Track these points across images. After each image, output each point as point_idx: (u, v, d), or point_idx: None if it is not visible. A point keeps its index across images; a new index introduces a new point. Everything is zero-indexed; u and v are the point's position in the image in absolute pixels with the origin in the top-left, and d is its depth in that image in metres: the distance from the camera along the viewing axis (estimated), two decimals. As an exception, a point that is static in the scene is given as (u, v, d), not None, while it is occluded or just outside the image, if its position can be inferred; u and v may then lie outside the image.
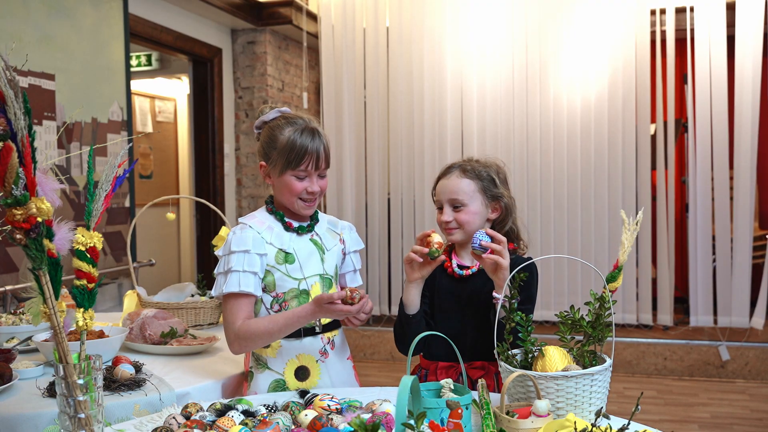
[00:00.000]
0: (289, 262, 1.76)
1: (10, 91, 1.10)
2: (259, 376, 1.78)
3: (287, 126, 1.75)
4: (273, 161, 1.75)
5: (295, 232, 1.80)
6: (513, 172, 5.05)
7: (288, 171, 1.73)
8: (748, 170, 4.66)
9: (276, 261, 1.75)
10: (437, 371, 1.82)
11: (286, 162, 1.73)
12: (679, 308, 5.15)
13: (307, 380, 1.78)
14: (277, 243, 1.76)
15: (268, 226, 1.78)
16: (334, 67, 5.37)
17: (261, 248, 1.73)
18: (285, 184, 1.75)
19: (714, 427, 3.74)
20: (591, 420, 1.37)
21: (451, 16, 5.12)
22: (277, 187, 1.78)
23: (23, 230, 1.13)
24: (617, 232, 4.87)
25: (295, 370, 1.78)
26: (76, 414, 1.21)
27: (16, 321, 2.26)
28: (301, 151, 1.72)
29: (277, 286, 1.75)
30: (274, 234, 1.77)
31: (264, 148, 1.78)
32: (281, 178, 1.75)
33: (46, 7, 3.43)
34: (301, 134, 1.73)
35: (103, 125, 3.82)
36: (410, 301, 1.79)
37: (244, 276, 1.70)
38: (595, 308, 1.50)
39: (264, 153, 1.78)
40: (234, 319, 1.71)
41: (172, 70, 6.16)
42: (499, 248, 1.66)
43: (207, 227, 5.14)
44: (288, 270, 1.76)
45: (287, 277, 1.76)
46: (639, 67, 4.84)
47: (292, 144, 1.72)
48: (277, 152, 1.74)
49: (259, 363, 1.78)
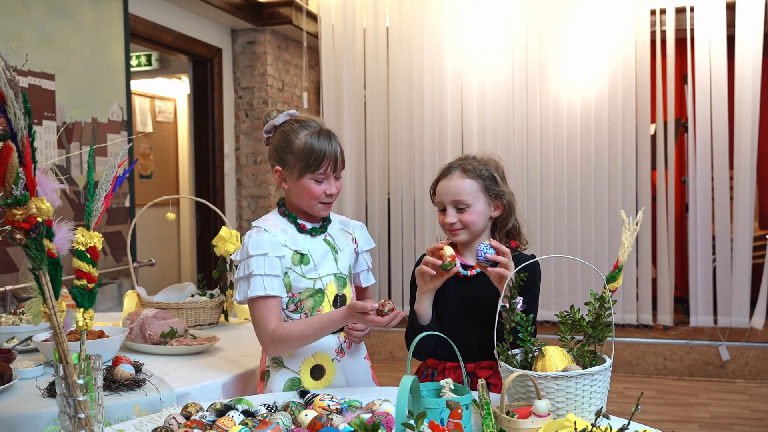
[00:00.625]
0: (305, 263, 1.77)
1: (10, 91, 1.10)
2: (276, 375, 1.79)
3: (301, 129, 1.75)
4: (290, 165, 1.75)
5: (309, 233, 1.81)
6: (513, 172, 5.05)
7: (307, 175, 1.74)
8: (748, 170, 4.66)
9: (292, 263, 1.76)
10: (445, 371, 1.82)
11: (305, 166, 1.73)
12: (679, 308, 5.15)
13: (322, 379, 1.79)
14: (291, 245, 1.77)
15: (282, 229, 1.78)
16: (334, 67, 5.37)
17: (278, 251, 1.74)
18: (304, 188, 1.75)
19: (714, 427, 3.74)
20: (591, 420, 1.37)
21: (451, 16, 5.12)
22: (293, 191, 1.78)
23: (23, 230, 1.13)
24: (617, 232, 4.87)
25: (310, 368, 1.78)
26: (76, 414, 1.21)
27: (16, 321, 2.26)
28: (320, 155, 1.73)
29: (292, 287, 1.77)
30: (288, 236, 1.77)
31: (278, 153, 1.77)
32: (299, 182, 1.75)
33: (46, 7, 3.42)
34: (318, 138, 1.74)
35: (103, 125, 3.82)
36: (423, 311, 1.78)
37: (268, 279, 1.71)
38: (595, 308, 1.50)
39: (279, 158, 1.77)
40: (266, 323, 1.71)
41: (172, 70, 6.16)
42: (504, 260, 1.66)
43: (207, 227, 5.14)
44: (303, 271, 1.77)
45: (302, 277, 1.77)
46: (639, 67, 4.84)
47: (310, 148, 1.73)
48: (295, 156, 1.74)
49: (276, 362, 1.79)
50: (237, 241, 2.54)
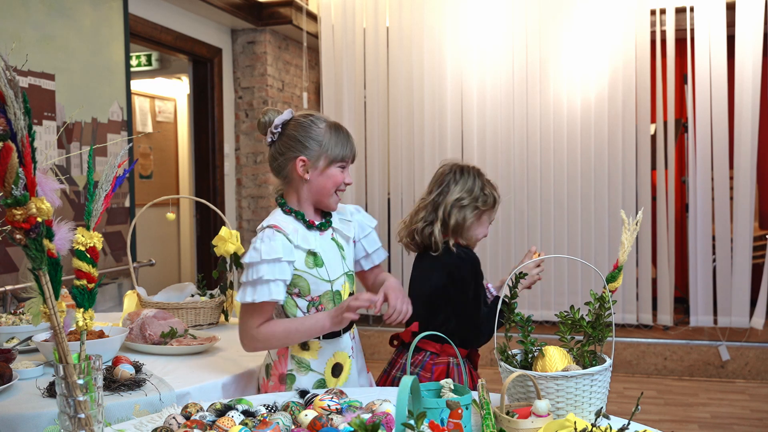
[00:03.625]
0: (318, 264, 1.80)
1: (10, 91, 1.10)
2: (302, 378, 1.82)
3: (318, 121, 1.80)
4: (316, 154, 1.77)
5: (318, 229, 1.83)
6: (513, 172, 5.06)
7: (334, 163, 1.78)
8: (748, 170, 4.65)
9: (306, 266, 1.78)
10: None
11: (333, 153, 1.77)
12: (679, 308, 5.15)
13: (340, 375, 1.84)
14: (304, 245, 1.79)
15: (294, 228, 1.79)
16: (334, 67, 5.37)
17: (291, 255, 1.76)
18: (330, 176, 1.79)
19: (714, 427, 3.74)
20: (591, 420, 1.37)
21: (451, 16, 5.12)
22: (316, 181, 1.79)
23: (23, 230, 1.13)
24: (617, 232, 4.87)
25: (332, 367, 1.84)
26: (76, 414, 1.21)
27: (16, 321, 2.26)
28: (347, 143, 1.79)
29: (311, 290, 1.79)
30: (299, 236, 1.79)
31: (301, 143, 1.78)
32: (327, 170, 1.78)
33: (46, 7, 3.42)
34: (338, 129, 1.80)
35: (103, 125, 3.82)
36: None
37: (275, 285, 1.73)
38: (595, 308, 1.50)
39: (301, 147, 1.77)
40: (254, 323, 1.75)
41: (172, 70, 6.16)
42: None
43: (207, 227, 5.14)
44: (319, 273, 1.80)
45: (320, 280, 1.80)
46: (639, 67, 4.84)
47: (336, 136, 1.78)
48: (321, 145, 1.77)
49: (302, 365, 1.82)
50: (237, 241, 2.54)
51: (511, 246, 5.09)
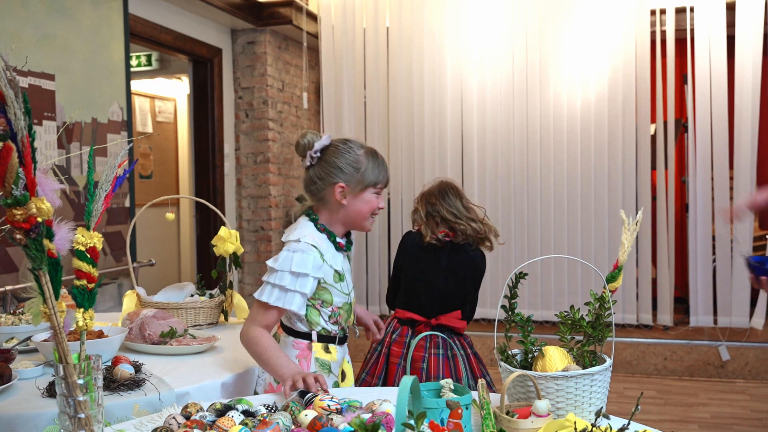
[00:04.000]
0: (341, 280, 1.89)
1: (10, 91, 1.10)
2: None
3: (357, 148, 1.86)
4: (355, 180, 1.83)
5: (342, 251, 1.91)
6: (513, 172, 5.06)
7: (369, 188, 1.85)
8: (748, 170, 4.66)
9: (333, 280, 1.87)
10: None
11: (371, 179, 1.84)
12: (679, 308, 5.15)
13: (345, 380, 1.96)
14: (333, 264, 1.86)
15: (326, 247, 1.85)
16: (334, 67, 5.37)
17: (318, 272, 1.81)
18: (366, 201, 1.85)
19: (714, 427, 3.74)
20: (591, 420, 1.37)
21: (451, 16, 5.12)
22: (353, 205, 1.85)
23: (23, 230, 1.13)
24: (617, 232, 4.87)
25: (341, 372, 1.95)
26: (76, 414, 1.21)
27: (16, 321, 2.26)
28: (383, 169, 1.88)
29: (333, 302, 1.88)
30: (330, 255, 1.85)
31: (341, 168, 1.83)
32: (362, 194, 1.84)
33: (46, 7, 3.42)
34: (375, 155, 1.88)
35: (103, 125, 3.82)
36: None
37: (292, 295, 1.79)
38: (595, 308, 1.50)
39: (339, 173, 1.83)
40: (257, 323, 1.80)
41: (172, 70, 6.16)
42: None
43: (207, 227, 5.14)
44: (341, 288, 1.89)
45: (341, 293, 1.90)
46: (639, 67, 4.84)
47: (373, 163, 1.85)
48: (360, 172, 1.83)
49: (324, 367, 1.88)
50: (236, 240, 2.54)
51: (511, 246, 5.08)
